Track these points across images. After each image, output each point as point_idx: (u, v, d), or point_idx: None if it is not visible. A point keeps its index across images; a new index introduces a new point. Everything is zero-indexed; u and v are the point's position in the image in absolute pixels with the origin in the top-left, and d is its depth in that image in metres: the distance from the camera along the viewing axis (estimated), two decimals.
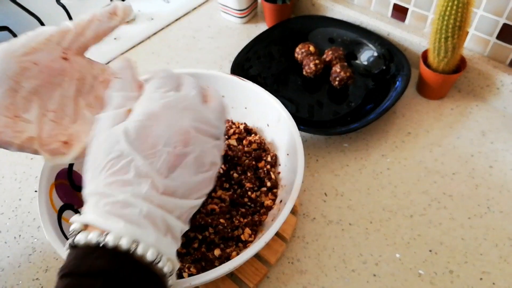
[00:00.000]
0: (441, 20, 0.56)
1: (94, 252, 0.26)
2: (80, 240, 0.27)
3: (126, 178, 0.28)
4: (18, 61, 0.31)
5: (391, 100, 0.62)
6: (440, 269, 0.48)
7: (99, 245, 0.26)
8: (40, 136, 0.33)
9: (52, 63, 0.32)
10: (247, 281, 0.47)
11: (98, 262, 0.26)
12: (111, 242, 0.26)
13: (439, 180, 0.56)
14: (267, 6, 0.77)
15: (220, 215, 0.47)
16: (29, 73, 0.32)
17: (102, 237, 0.26)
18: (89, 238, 0.26)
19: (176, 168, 0.29)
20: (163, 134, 0.29)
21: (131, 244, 0.26)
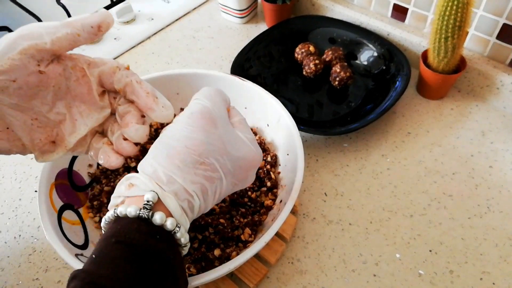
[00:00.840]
0: (441, 20, 0.56)
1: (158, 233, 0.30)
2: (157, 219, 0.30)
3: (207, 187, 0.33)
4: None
5: (391, 100, 0.62)
6: (440, 269, 0.48)
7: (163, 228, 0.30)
8: (33, 142, 0.35)
9: (28, 77, 0.32)
10: (247, 281, 0.47)
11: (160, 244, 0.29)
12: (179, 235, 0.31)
13: (439, 180, 0.57)
14: (267, 6, 0.77)
15: (220, 215, 0.47)
16: (8, 91, 0.32)
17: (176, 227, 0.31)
18: (166, 223, 0.30)
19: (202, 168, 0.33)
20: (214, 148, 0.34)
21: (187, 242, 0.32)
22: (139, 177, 0.32)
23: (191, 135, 0.32)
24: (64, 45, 0.33)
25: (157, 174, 0.31)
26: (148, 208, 0.30)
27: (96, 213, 0.49)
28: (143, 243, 0.29)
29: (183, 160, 0.32)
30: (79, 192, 0.49)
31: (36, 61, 0.32)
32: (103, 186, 0.51)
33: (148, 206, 0.30)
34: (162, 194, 0.31)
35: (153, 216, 0.30)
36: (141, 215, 0.30)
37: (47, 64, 0.33)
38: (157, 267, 0.28)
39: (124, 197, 0.32)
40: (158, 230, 0.30)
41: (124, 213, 0.30)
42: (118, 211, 0.30)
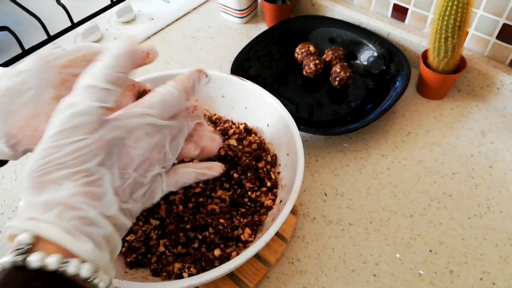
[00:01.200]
0: (441, 20, 0.56)
1: (31, 277, 0.23)
2: (33, 261, 0.23)
3: (97, 192, 0.27)
4: (58, 72, 0.33)
5: (391, 100, 0.62)
6: (440, 269, 0.48)
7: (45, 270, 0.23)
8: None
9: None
10: (247, 281, 0.47)
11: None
12: (72, 270, 0.24)
13: (439, 180, 0.57)
14: (267, 6, 0.77)
15: (220, 215, 0.47)
16: (68, 84, 0.33)
17: (63, 263, 0.23)
18: (47, 261, 0.23)
19: (132, 194, 0.30)
20: (136, 160, 0.29)
21: (92, 273, 0.24)
22: (12, 225, 0.25)
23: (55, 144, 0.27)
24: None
25: (28, 210, 0.26)
26: (22, 251, 0.24)
27: None
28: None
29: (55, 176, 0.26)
30: None
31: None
32: None
33: (21, 248, 0.24)
34: (34, 227, 0.24)
35: (29, 259, 0.23)
36: (16, 262, 0.23)
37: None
38: None
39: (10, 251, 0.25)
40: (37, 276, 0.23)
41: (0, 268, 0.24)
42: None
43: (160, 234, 0.46)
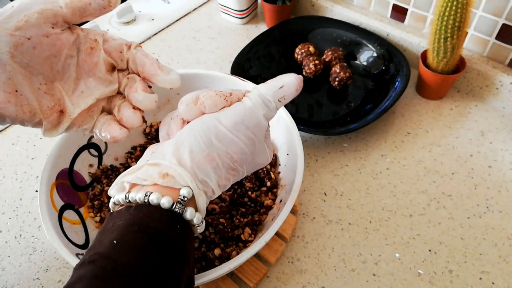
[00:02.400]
0: (440, 20, 0.56)
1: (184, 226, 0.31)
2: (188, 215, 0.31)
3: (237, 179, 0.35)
4: (11, 35, 0.31)
5: (390, 100, 0.62)
6: (439, 268, 0.48)
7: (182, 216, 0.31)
8: (41, 108, 0.34)
9: (43, 38, 0.33)
10: (247, 281, 0.47)
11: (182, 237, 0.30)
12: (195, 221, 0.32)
13: (438, 180, 0.57)
14: (267, 6, 0.77)
15: (220, 215, 0.47)
16: (22, 48, 0.32)
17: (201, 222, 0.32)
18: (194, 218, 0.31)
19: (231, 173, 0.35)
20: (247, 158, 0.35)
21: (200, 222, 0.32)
22: (176, 169, 0.31)
23: (233, 141, 0.33)
24: (76, 12, 0.33)
25: (194, 171, 0.32)
26: (183, 204, 0.30)
27: (97, 213, 0.49)
28: (166, 233, 0.29)
29: (220, 163, 0.33)
30: (79, 192, 0.50)
31: (50, 24, 0.33)
32: (104, 186, 0.51)
33: (183, 202, 0.30)
34: (197, 193, 0.31)
35: (185, 212, 0.31)
36: (175, 210, 0.30)
37: (61, 29, 0.34)
38: (177, 257, 0.29)
39: (152, 183, 0.31)
40: (178, 220, 0.30)
41: (156, 202, 0.30)
42: (150, 198, 0.30)
43: None
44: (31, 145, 0.65)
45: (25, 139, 0.66)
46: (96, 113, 0.37)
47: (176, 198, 0.31)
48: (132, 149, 0.56)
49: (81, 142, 0.51)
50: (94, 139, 0.53)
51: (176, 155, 0.32)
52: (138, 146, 0.56)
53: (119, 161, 0.55)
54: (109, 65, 0.36)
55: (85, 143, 0.51)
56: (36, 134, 0.66)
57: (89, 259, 0.27)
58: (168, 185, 0.31)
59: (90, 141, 0.52)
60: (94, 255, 0.27)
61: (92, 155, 0.52)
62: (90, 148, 0.52)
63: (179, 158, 0.32)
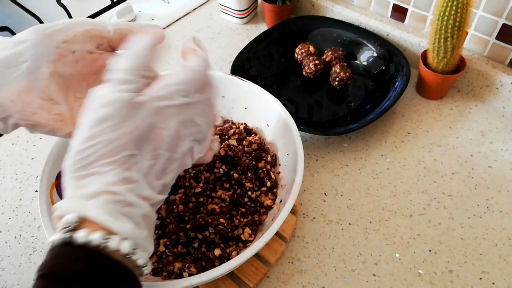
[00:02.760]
0: (440, 20, 0.56)
1: (77, 251, 0.25)
2: (79, 238, 0.25)
3: (133, 176, 0.28)
4: (57, 47, 0.33)
5: (390, 100, 0.62)
6: (439, 268, 0.48)
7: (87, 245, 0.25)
8: (73, 120, 0.35)
9: (86, 54, 0.34)
10: (247, 281, 0.47)
11: (79, 264, 0.25)
12: (113, 245, 0.26)
13: (439, 180, 0.57)
14: (267, 6, 0.77)
15: (220, 215, 0.47)
16: (65, 60, 0.33)
17: (105, 239, 0.25)
18: (91, 238, 0.25)
19: (165, 170, 0.30)
20: (167, 139, 0.30)
21: (131, 250, 0.26)
22: (58, 206, 0.27)
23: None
24: (123, 38, 0.35)
25: (70, 192, 0.28)
26: (68, 228, 0.26)
27: None
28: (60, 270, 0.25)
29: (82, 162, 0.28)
30: None
31: (96, 44, 0.35)
32: None
33: (68, 228, 0.26)
34: (79, 209, 0.26)
35: (76, 235, 0.25)
36: (64, 239, 0.25)
37: (104, 50, 0.35)
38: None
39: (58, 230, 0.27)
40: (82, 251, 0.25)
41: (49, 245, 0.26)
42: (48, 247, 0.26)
43: (160, 233, 0.47)
44: (31, 145, 0.65)
45: (25, 139, 0.66)
46: None
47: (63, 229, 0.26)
48: None
49: None
50: None
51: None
52: None
53: None
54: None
55: None
56: (36, 134, 0.66)
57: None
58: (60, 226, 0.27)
59: None
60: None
61: None
62: None
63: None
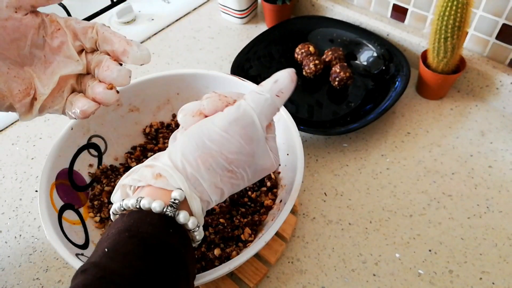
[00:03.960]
0: (440, 20, 0.56)
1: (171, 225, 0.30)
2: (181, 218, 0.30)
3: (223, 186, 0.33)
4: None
5: (390, 100, 0.62)
6: (439, 268, 0.48)
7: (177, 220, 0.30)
8: (12, 92, 0.35)
9: (6, 22, 0.33)
10: (247, 281, 0.47)
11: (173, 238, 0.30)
12: (190, 226, 0.31)
13: (439, 180, 0.57)
14: (267, 6, 0.77)
15: (220, 215, 0.47)
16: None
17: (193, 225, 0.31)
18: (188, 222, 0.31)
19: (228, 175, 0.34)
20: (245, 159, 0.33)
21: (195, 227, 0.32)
22: (168, 169, 0.31)
23: (227, 142, 0.32)
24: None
25: (186, 172, 0.31)
26: (175, 207, 0.30)
27: (97, 213, 0.49)
28: (157, 237, 0.29)
29: (214, 164, 0.32)
30: (79, 192, 0.50)
31: (13, 8, 0.34)
32: (104, 186, 0.51)
33: (174, 205, 0.30)
34: (189, 195, 0.31)
35: (178, 215, 0.30)
36: (167, 213, 0.30)
37: (25, 14, 0.34)
38: (170, 262, 0.29)
39: (146, 184, 0.31)
40: (171, 224, 0.30)
41: (148, 207, 0.30)
42: (142, 203, 0.30)
43: None
44: (31, 145, 0.65)
45: (25, 139, 0.66)
46: (66, 93, 0.38)
47: (168, 200, 0.30)
48: (132, 149, 0.56)
49: (81, 142, 0.51)
50: (94, 139, 0.53)
51: (170, 156, 0.32)
52: (138, 146, 0.56)
53: (119, 161, 0.55)
54: (76, 47, 0.37)
55: (85, 143, 0.51)
56: (36, 134, 0.66)
57: (82, 269, 0.27)
58: (160, 186, 0.31)
59: (90, 141, 0.52)
60: (87, 265, 0.27)
61: (92, 155, 0.52)
62: (90, 148, 0.52)
63: (173, 159, 0.32)
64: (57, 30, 0.36)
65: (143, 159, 0.55)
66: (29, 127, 0.68)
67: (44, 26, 0.36)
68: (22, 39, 0.35)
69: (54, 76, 0.37)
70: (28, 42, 0.35)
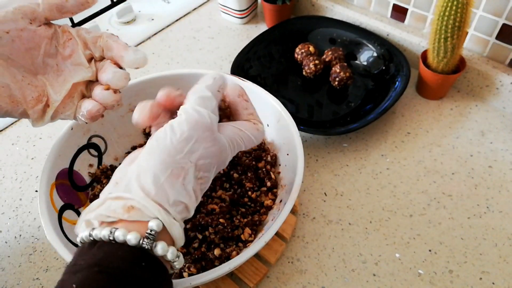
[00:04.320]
0: (440, 20, 0.56)
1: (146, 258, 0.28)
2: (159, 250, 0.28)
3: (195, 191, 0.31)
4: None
5: (390, 100, 0.62)
6: (439, 268, 0.48)
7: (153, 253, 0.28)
8: (25, 99, 0.36)
9: (22, 32, 0.35)
10: (247, 281, 0.47)
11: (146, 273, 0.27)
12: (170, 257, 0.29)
13: (439, 180, 0.57)
14: (267, 6, 0.77)
15: (220, 215, 0.47)
16: (1, 41, 0.34)
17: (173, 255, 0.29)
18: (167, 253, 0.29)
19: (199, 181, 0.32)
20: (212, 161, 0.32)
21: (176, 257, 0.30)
22: (140, 200, 0.28)
23: (192, 148, 0.30)
24: (53, 8, 0.36)
25: (160, 196, 0.29)
26: (152, 238, 0.28)
27: None
28: (128, 273, 0.26)
29: (187, 177, 0.30)
30: (79, 192, 0.50)
31: (28, 19, 0.35)
32: (104, 186, 0.51)
33: (151, 236, 0.28)
34: (168, 223, 0.29)
35: (155, 247, 0.28)
36: (143, 246, 0.28)
37: (39, 25, 0.36)
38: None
39: (117, 220, 0.29)
40: (145, 256, 0.28)
41: (122, 240, 0.27)
42: (115, 235, 0.27)
43: None
44: (31, 145, 0.65)
45: (25, 139, 0.66)
46: (77, 99, 0.39)
47: (144, 233, 0.28)
48: (132, 149, 0.56)
49: (81, 142, 0.51)
50: (94, 139, 0.53)
51: (139, 183, 0.29)
52: (138, 146, 0.56)
53: (119, 161, 0.55)
54: (86, 56, 0.39)
55: (85, 143, 0.51)
56: (36, 134, 0.66)
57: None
58: (134, 219, 0.28)
59: (90, 141, 0.52)
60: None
61: (92, 155, 0.52)
62: (90, 148, 0.52)
63: (142, 186, 0.29)
64: (69, 40, 0.38)
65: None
66: (29, 127, 0.68)
67: (57, 36, 0.38)
68: (36, 49, 0.36)
69: (66, 83, 0.38)
70: (41, 52, 0.37)
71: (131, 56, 0.37)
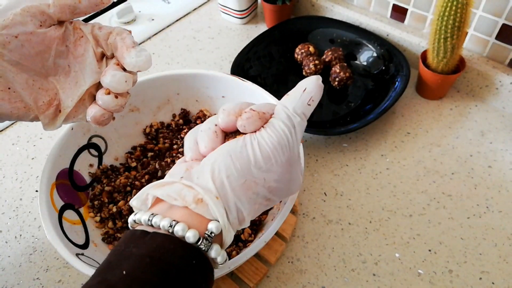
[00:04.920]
0: (440, 20, 0.57)
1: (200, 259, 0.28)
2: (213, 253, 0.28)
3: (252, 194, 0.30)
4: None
5: (390, 100, 0.62)
6: (439, 268, 0.48)
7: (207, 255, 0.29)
8: (37, 104, 0.35)
9: (31, 36, 0.33)
10: (247, 281, 0.47)
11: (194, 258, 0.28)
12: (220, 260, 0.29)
13: (438, 180, 0.57)
14: (267, 6, 0.77)
15: None
16: (10, 46, 0.32)
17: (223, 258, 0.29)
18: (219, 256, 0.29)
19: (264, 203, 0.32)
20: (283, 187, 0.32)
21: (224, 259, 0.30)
22: (210, 197, 0.28)
23: (271, 169, 0.30)
24: (65, 9, 0.34)
25: (227, 200, 0.29)
26: (210, 240, 0.28)
27: (97, 213, 0.49)
28: (179, 269, 0.26)
29: (256, 193, 0.30)
30: (80, 192, 0.50)
31: (38, 21, 0.33)
32: (104, 186, 0.51)
33: (210, 238, 0.28)
34: (226, 229, 0.29)
35: (210, 250, 0.28)
36: (199, 246, 0.28)
37: (48, 25, 0.34)
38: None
39: (183, 205, 0.28)
40: (197, 255, 0.28)
41: (181, 235, 0.27)
42: (175, 229, 0.27)
43: None
44: (31, 145, 0.65)
45: (25, 139, 0.66)
46: (88, 102, 0.37)
47: (202, 231, 0.28)
48: (132, 149, 0.57)
49: (81, 142, 0.51)
50: (94, 139, 0.53)
51: (214, 180, 0.29)
52: (138, 146, 0.56)
53: (119, 161, 0.55)
54: (98, 54, 0.36)
55: (85, 143, 0.51)
56: (36, 134, 0.66)
57: (95, 282, 0.26)
58: (199, 212, 0.28)
59: (90, 141, 0.52)
60: (102, 282, 0.25)
61: (92, 155, 0.53)
62: (90, 148, 0.52)
63: (216, 182, 0.29)
64: (80, 38, 0.36)
65: (143, 159, 0.55)
66: (29, 127, 0.68)
67: (68, 34, 0.35)
68: (47, 51, 0.34)
69: (78, 88, 0.36)
70: (52, 53, 0.35)
71: (132, 58, 0.35)
